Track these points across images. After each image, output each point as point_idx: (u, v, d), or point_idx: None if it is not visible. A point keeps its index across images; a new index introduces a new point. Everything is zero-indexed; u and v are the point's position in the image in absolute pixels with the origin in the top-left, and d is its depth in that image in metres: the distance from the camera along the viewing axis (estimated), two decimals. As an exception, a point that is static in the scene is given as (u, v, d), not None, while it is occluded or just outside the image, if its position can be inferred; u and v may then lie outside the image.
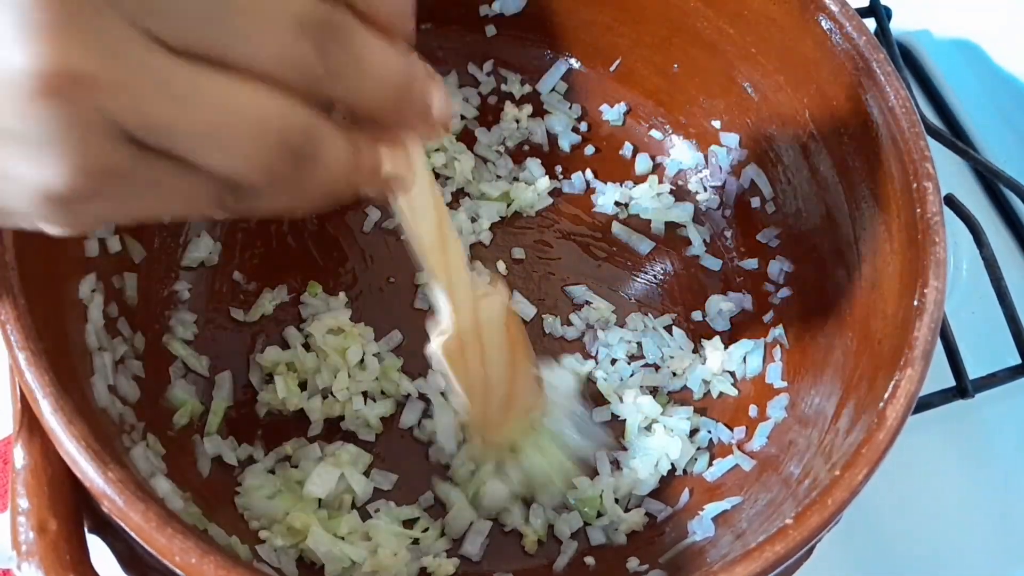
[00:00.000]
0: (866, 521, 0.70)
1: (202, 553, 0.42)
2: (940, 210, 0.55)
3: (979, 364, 0.74)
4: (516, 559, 0.62)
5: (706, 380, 0.68)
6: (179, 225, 0.67)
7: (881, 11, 0.89)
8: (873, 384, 0.53)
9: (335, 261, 0.71)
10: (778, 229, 0.71)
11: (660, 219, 0.74)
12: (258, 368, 0.65)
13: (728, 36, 0.69)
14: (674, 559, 0.60)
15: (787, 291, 0.69)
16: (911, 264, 0.54)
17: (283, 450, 0.62)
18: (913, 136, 0.57)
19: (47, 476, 0.47)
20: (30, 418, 0.47)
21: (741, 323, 0.71)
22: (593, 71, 0.78)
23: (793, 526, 0.46)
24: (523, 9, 0.76)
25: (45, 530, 0.45)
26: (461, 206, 0.73)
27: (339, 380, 0.63)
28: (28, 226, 0.34)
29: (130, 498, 0.43)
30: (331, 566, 0.58)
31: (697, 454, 0.65)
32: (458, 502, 0.62)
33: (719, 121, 0.74)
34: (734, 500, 0.61)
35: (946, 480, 0.74)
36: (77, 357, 0.53)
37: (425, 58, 0.75)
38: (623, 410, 0.66)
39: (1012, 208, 0.88)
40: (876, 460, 0.48)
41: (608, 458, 0.64)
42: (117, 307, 0.60)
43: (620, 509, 0.63)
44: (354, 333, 0.66)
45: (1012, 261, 0.85)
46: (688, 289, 0.73)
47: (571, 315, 0.71)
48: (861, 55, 0.60)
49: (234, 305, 0.68)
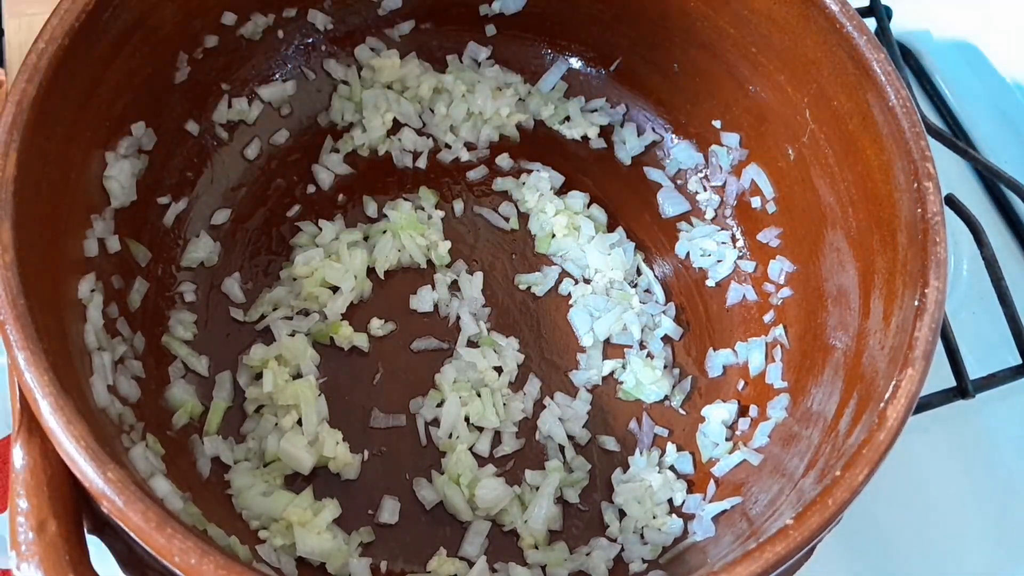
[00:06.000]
0: (867, 521, 0.70)
1: (202, 553, 0.42)
2: (941, 210, 0.55)
3: (979, 364, 0.74)
4: (516, 559, 0.62)
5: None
6: (179, 225, 0.68)
7: (881, 11, 0.89)
8: (874, 384, 0.53)
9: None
10: (779, 229, 0.70)
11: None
12: (246, 368, 0.65)
13: (728, 36, 0.69)
14: (674, 559, 0.60)
15: (787, 291, 0.69)
16: (912, 264, 0.54)
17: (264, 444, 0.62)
18: (913, 136, 0.57)
19: (46, 476, 0.47)
20: (29, 418, 0.47)
21: (742, 323, 0.71)
22: (593, 71, 0.78)
23: (794, 526, 0.46)
24: (523, 9, 0.76)
25: (44, 530, 0.45)
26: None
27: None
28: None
29: (129, 498, 0.43)
30: (330, 562, 0.58)
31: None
32: (456, 501, 0.62)
33: (719, 121, 0.74)
34: (734, 500, 0.61)
35: (946, 480, 0.74)
36: (77, 357, 0.53)
37: (425, 58, 0.77)
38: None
39: (1012, 208, 0.88)
40: (877, 460, 0.48)
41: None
42: (117, 307, 0.60)
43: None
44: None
45: (1013, 261, 0.85)
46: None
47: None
48: (861, 55, 0.60)
49: (234, 305, 0.68)
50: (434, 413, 0.66)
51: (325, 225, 0.71)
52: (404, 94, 0.76)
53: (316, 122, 0.75)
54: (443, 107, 0.76)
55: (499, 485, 0.63)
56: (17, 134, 0.51)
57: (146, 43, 0.62)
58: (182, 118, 0.68)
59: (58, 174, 0.55)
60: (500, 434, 0.66)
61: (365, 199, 0.74)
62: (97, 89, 0.58)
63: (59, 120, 0.54)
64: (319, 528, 0.59)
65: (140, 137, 0.63)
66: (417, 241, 0.71)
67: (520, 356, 0.69)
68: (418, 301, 0.70)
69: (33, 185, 0.51)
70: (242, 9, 0.69)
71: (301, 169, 0.74)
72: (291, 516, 0.58)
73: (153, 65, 0.63)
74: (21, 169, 0.50)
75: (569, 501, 0.64)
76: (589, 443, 0.67)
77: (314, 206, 0.73)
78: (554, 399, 0.68)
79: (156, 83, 0.64)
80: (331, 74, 0.75)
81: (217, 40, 0.68)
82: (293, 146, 0.74)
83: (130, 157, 0.63)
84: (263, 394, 0.63)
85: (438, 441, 0.65)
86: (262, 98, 0.73)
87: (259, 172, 0.72)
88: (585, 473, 0.65)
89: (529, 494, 0.63)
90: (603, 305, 0.71)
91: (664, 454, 0.66)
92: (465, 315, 0.69)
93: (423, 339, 0.69)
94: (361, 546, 0.61)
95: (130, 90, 0.61)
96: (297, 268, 0.69)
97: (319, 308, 0.68)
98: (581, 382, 0.69)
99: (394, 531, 0.62)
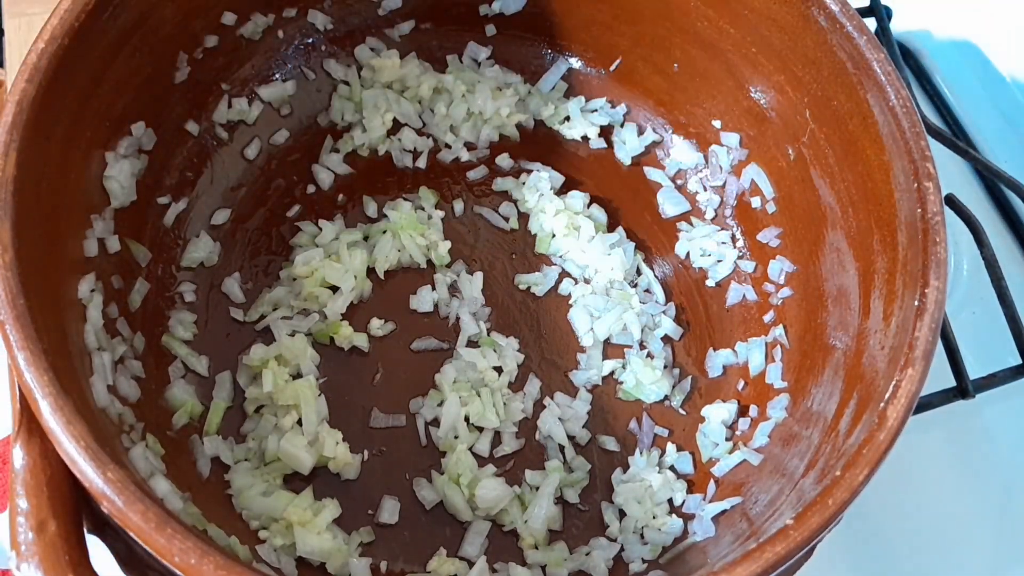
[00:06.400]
0: (867, 521, 0.70)
1: (202, 553, 0.42)
2: (941, 210, 0.55)
3: (980, 364, 0.74)
4: (516, 559, 0.62)
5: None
6: (179, 225, 0.67)
7: (881, 11, 0.89)
8: (874, 384, 0.53)
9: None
10: (779, 229, 0.70)
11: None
12: (246, 368, 0.65)
13: (728, 36, 0.69)
14: (674, 559, 0.60)
15: (787, 291, 0.69)
16: (912, 264, 0.54)
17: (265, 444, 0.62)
18: (914, 136, 0.57)
19: (46, 476, 0.47)
20: (29, 418, 0.47)
21: (742, 323, 0.71)
22: (593, 71, 0.78)
23: (794, 526, 0.46)
24: (523, 9, 0.76)
25: (44, 530, 0.45)
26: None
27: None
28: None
29: (129, 498, 0.43)
30: (330, 562, 0.58)
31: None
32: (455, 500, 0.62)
33: (719, 121, 0.74)
34: (734, 500, 0.61)
35: (946, 480, 0.74)
36: (76, 357, 0.53)
37: (425, 58, 0.77)
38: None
39: (1012, 208, 0.88)
40: (877, 460, 0.48)
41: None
42: (117, 307, 0.60)
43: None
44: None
45: (1013, 261, 0.85)
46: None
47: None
48: (861, 55, 0.60)
49: (233, 305, 0.68)
50: (434, 413, 0.66)
51: (325, 225, 0.71)
52: (404, 94, 0.76)
53: (316, 122, 0.75)
54: (443, 107, 0.76)
55: (499, 485, 0.62)
56: (17, 134, 0.50)
57: (146, 43, 0.62)
58: (182, 118, 0.68)
59: (58, 174, 0.55)
60: (500, 434, 0.66)
61: (365, 199, 0.74)
62: (97, 89, 0.58)
63: (59, 120, 0.54)
64: (319, 528, 0.59)
65: (140, 137, 0.63)
66: (417, 241, 0.71)
67: (520, 356, 0.69)
68: (418, 301, 0.70)
69: (33, 185, 0.51)
70: (242, 9, 0.69)
71: (301, 169, 0.73)
72: (291, 516, 0.58)
73: (153, 65, 0.63)
74: (21, 169, 0.50)
75: (569, 501, 0.64)
76: (589, 443, 0.67)
77: (314, 206, 0.73)
78: (554, 399, 0.68)
79: (156, 83, 0.64)
80: (331, 74, 0.75)
81: (217, 40, 0.68)
82: (293, 146, 0.74)
83: (130, 157, 0.63)
84: (263, 394, 0.63)
85: (438, 441, 0.65)
86: (262, 98, 0.73)
87: (259, 172, 0.72)
88: (585, 473, 0.65)
89: (529, 494, 0.63)
90: (603, 305, 0.71)
91: (664, 454, 0.66)
92: (465, 315, 0.69)
93: (423, 339, 0.69)
94: (361, 546, 0.61)
95: (130, 90, 0.61)
96: (297, 268, 0.69)
97: (319, 308, 0.68)
98: (581, 382, 0.69)
99: (394, 531, 0.62)
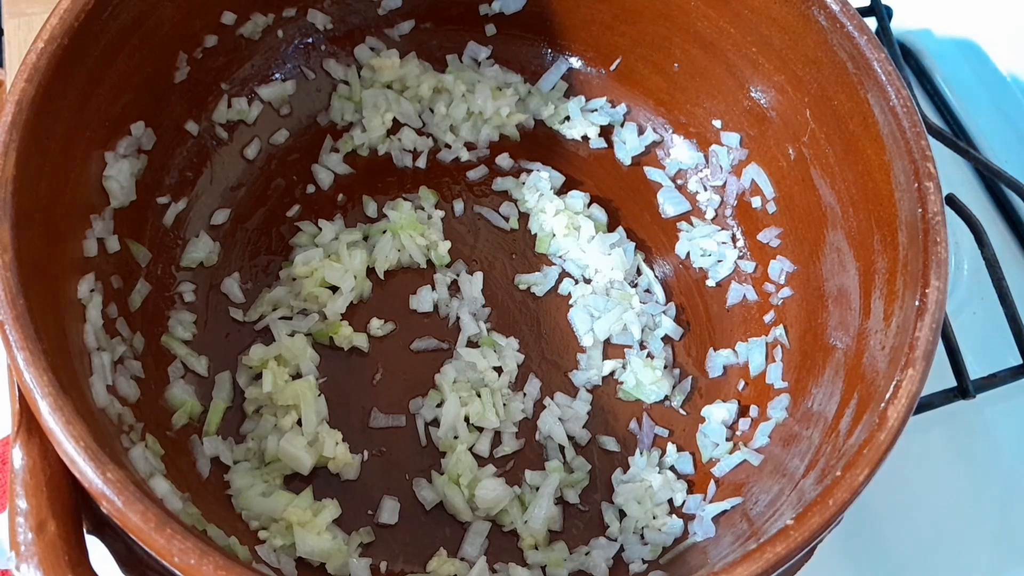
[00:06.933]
0: (867, 521, 0.70)
1: (201, 553, 0.42)
2: (941, 210, 0.55)
3: (980, 364, 0.74)
4: (516, 559, 0.62)
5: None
6: (178, 225, 0.67)
7: (882, 10, 0.89)
8: (874, 384, 0.53)
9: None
10: (779, 229, 0.70)
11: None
12: (246, 369, 0.65)
13: (729, 35, 0.69)
14: (674, 559, 0.60)
15: (788, 291, 0.69)
16: (912, 264, 0.54)
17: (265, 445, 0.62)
18: (914, 136, 0.57)
19: (46, 476, 0.47)
20: (29, 418, 0.47)
21: (742, 323, 0.71)
22: (593, 70, 0.78)
23: (794, 527, 0.46)
24: (523, 9, 0.76)
25: (44, 530, 0.45)
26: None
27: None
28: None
29: (129, 499, 0.42)
30: (330, 563, 0.58)
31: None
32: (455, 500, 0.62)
33: (720, 120, 0.74)
34: (734, 501, 0.61)
35: (947, 480, 0.74)
36: (76, 357, 0.53)
37: (425, 58, 0.77)
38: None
39: (1013, 208, 0.88)
40: (878, 460, 0.48)
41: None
42: (116, 307, 0.60)
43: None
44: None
45: (1013, 261, 0.85)
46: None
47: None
48: (862, 54, 0.60)
49: (233, 305, 0.68)
50: (434, 413, 0.66)
51: (325, 225, 0.71)
52: (404, 94, 0.76)
53: (316, 122, 0.75)
54: (443, 107, 0.76)
55: (499, 485, 0.62)
56: (17, 134, 0.50)
57: (146, 43, 0.62)
58: (182, 118, 0.68)
59: (57, 174, 0.55)
60: (500, 434, 0.66)
61: (365, 199, 0.74)
62: (97, 89, 0.58)
63: (59, 120, 0.54)
64: (319, 528, 0.59)
65: (140, 137, 0.63)
66: (417, 241, 0.71)
67: (520, 356, 0.69)
68: (418, 301, 0.70)
69: (33, 185, 0.51)
70: (242, 9, 0.69)
71: (301, 169, 0.73)
72: (291, 516, 0.58)
73: (153, 65, 0.63)
74: (21, 169, 0.50)
75: (569, 501, 0.64)
76: (589, 443, 0.67)
77: (314, 206, 0.73)
78: (554, 399, 0.68)
79: (156, 83, 0.64)
80: (331, 74, 0.75)
81: (217, 40, 0.68)
82: (293, 146, 0.74)
83: (129, 157, 0.63)
84: (263, 394, 0.63)
85: (438, 441, 0.65)
86: (262, 98, 0.73)
87: (259, 172, 0.72)
88: (585, 473, 0.65)
89: (529, 494, 0.63)
90: (603, 305, 0.71)
91: (664, 454, 0.66)
92: (465, 315, 0.69)
93: (423, 339, 0.69)
94: (361, 546, 0.61)
95: (130, 90, 0.61)
96: (297, 268, 0.68)
97: (319, 308, 0.68)
98: (581, 382, 0.69)
99: (394, 531, 0.62)
